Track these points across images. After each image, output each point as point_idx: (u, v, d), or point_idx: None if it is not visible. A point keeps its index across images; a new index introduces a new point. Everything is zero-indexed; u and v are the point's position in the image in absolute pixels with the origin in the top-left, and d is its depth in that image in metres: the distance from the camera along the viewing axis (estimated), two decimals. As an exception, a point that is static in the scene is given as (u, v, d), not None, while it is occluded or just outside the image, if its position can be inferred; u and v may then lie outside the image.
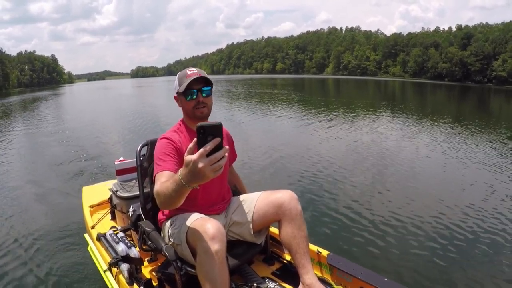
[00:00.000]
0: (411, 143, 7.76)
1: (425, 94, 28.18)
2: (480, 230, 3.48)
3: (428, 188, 4.79)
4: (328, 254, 1.87)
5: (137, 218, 1.94)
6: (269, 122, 11.08)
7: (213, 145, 1.07)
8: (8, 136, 10.16)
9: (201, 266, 1.41)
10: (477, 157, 6.38)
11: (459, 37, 60.11)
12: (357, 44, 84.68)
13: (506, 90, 37.16)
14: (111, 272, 1.95)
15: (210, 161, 1.07)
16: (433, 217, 3.76)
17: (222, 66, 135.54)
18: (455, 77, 55.99)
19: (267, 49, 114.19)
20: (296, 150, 7.05)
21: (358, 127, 9.94)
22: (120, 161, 2.59)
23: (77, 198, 3.36)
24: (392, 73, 72.19)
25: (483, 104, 21.14)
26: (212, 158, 1.07)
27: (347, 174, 5.37)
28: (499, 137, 8.48)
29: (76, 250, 3.10)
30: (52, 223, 3.72)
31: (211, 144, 1.06)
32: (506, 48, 50.04)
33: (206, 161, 1.07)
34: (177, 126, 1.76)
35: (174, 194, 1.25)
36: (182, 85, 1.64)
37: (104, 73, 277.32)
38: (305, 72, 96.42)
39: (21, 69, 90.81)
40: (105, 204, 2.75)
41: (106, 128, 10.80)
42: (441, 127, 9.91)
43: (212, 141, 1.07)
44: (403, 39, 74.08)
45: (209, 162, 1.07)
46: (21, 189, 5.05)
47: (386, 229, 3.50)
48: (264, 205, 1.73)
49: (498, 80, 49.00)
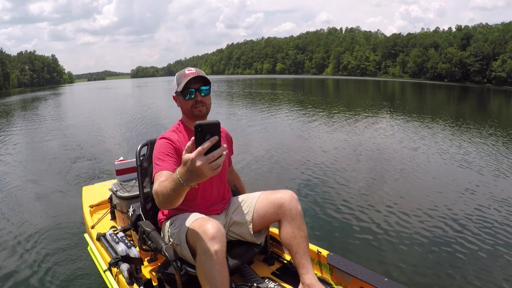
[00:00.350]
0: (411, 143, 7.77)
1: (425, 95, 28.22)
2: (480, 229, 3.48)
3: (428, 187, 4.80)
4: (328, 254, 1.87)
5: (137, 218, 1.94)
6: (268, 122, 11.08)
7: (211, 143, 1.06)
8: (8, 136, 10.16)
9: (201, 266, 1.41)
10: (478, 157, 6.39)
11: (458, 37, 60.21)
12: (357, 44, 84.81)
13: (505, 91, 37.20)
14: (111, 272, 1.95)
15: (208, 159, 1.07)
16: (433, 217, 3.77)
17: (222, 66, 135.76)
18: (455, 77, 56.11)
19: (267, 50, 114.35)
20: (296, 150, 7.06)
21: (357, 127, 9.95)
22: (120, 161, 2.59)
23: (77, 198, 3.37)
24: (391, 73, 72.34)
25: (483, 105, 21.16)
26: (210, 157, 1.07)
27: (346, 174, 5.38)
28: (499, 137, 8.48)
29: (76, 250, 3.10)
30: (52, 223, 3.72)
31: (208, 143, 1.06)
32: (505, 49, 50.15)
33: (204, 160, 1.07)
34: (176, 126, 1.76)
35: (172, 193, 1.25)
36: (181, 84, 1.64)
37: (104, 73, 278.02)
38: (304, 73, 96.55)
39: (21, 69, 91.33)
40: (105, 204, 2.75)
41: (106, 128, 10.79)
42: (441, 128, 9.94)
43: (209, 140, 1.06)
44: (403, 40, 74.22)
45: (207, 161, 1.07)
46: (21, 188, 5.05)
47: (386, 229, 3.50)
48: (264, 205, 1.73)
49: (497, 80, 49.10)
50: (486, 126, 10.51)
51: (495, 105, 21.65)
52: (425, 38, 67.85)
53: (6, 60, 77.51)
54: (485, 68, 52.34)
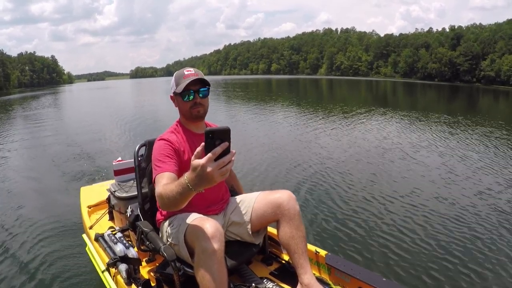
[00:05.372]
0: (407, 142, 7.78)
1: (415, 94, 28.45)
2: (479, 228, 3.50)
3: (426, 187, 4.79)
4: (326, 254, 1.87)
5: (135, 219, 1.93)
6: (266, 123, 11.05)
7: (222, 149, 1.07)
8: (7, 135, 10.08)
9: (200, 266, 1.41)
10: (478, 158, 6.30)
11: (449, 37, 60.91)
12: (350, 45, 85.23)
13: (494, 90, 37.71)
14: (109, 272, 1.94)
15: (218, 165, 1.08)
16: (431, 216, 3.79)
17: (219, 67, 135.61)
18: (445, 77, 56.71)
19: (263, 50, 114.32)
20: (293, 150, 7.06)
21: (353, 127, 9.99)
22: (118, 161, 2.58)
23: (75, 198, 3.34)
24: (383, 73, 72.81)
25: (472, 103, 21.44)
26: (220, 162, 1.08)
27: (344, 174, 5.39)
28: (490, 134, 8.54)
29: (74, 250, 3.08)
30: (50, 224, 3.69)
31: (219, 148, 1.07)
32: (494, 48, 50.84)
33: (214, 165, 1.08)
34: (174, 127, 1.76)
35: (179, 197, 1.27)
36: (180, 85, 1.64)
37: (104, 73, 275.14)
38: (299, 73, 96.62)
39: (21, 69, 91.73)
40: (103, 204, 2.74)
41: (104, 128, 10.70)
42: (441, 128, 9.80)
43: (220, 146, 1.07)
44: (395, 40, 74.78)
45: (217, 166, 1.08)
46: (18, 189, 5.03)
47: (384, 229, 3.52)
48: (262, 205, 1.74)
49: (486, 79, 49.78)
50: (487, 125, 10.46)
51: (484, 103, 21.97)
52: (417, 39, 68.48)
53: (7, 61, 78.04)
54: (474, 68, 52.98)
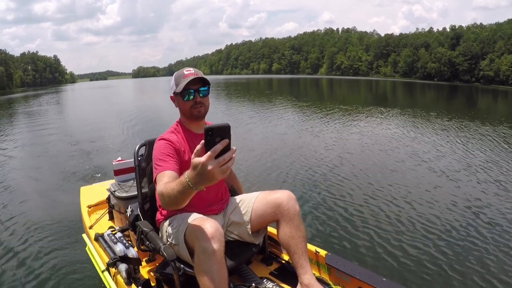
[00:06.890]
0: (407, 141, 7.77)
1: (415, 94, 28.47)
2: (479, 228, 3.50)
3: (426, 187, 4.78)
4: (326, 254, 1.87)
5: (135, 218, 1.93)
6: (266, 123, 11.04)
7: (222, 146, 1.05)
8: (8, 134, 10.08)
9: (199, 266, 1.41)
10: (479, 159, 6.28)
11: (449, 37, 60.96)
12: (350, 45, 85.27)
13: (493, 90, 37.73)
14: (109, 272, 1.95)
15: (218, 163, 1.06)
16: (432, 216, 3.79)
17: (221, 66, 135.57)
18: (444, 76, 56.80)
19: (264, 50, 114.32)
20: (293, 150, 7.04)
21: (353, 127, 9.98)
22: (118, 161, 2.57)
23: (75, 198, 3.34)
24: (383, 73, 72.90)
25: (471, 103, 21.43)
26: (221, 160, 1.06)
27: (344, 174, 5.37)
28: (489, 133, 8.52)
29: (74, 250, 3.08)
30: (50, 223, 3.69)
31: (219, 146, 1.05)
32: (494, 48, 50.90)
33: (214, 163, 1.06)
34: (174, 127, 1.76)
35: (179, 195, 1.25)
36: (180, 85, 1.64)
37: (106, 73, 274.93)
38: (300, 73, 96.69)
39: (24, 69, 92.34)
40: (103, 204, 2.73)
41: (104, 128, 10.68)
42: (440, 128, 9.78)
43: (220, 143, 1.05)
44: (395, 40, 74.84)
45: (218, 164, 1.06)
46: (18, 189, 5.01)
47: (384, 229, 3.52)
48: (262, 205, 1.74)
49: (485, 79, 49.88)
50: (486, 124, 10.40)
51: (483, 103, 21.97)
52: (417, 39, 68.54)
53: (10, 61, 78.62)
54: (473, 68, 53.10)
